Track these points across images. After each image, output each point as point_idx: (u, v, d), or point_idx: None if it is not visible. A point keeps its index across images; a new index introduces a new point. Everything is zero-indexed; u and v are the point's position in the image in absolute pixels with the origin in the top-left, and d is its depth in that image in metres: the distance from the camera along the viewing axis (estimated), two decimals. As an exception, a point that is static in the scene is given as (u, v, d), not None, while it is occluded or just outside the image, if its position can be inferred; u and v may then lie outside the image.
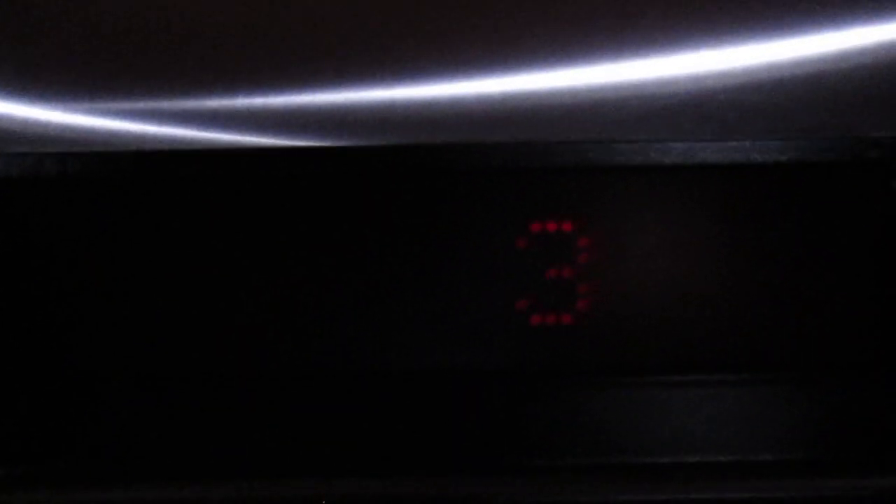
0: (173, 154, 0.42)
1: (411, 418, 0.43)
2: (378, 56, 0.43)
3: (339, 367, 0.44)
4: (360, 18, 0.43)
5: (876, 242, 0.42)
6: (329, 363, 0.44)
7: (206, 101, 0.43)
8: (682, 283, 0.43)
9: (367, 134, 0.41)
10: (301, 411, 0.43)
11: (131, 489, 0.42)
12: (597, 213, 0.43)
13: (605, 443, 0.42)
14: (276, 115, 0.42)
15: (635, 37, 0.44)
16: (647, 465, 0.41)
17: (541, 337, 0.43)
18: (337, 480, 0.41)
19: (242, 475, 0.42)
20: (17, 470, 0.42)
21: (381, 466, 0.42)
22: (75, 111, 0.44)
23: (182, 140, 0.42)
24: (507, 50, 0.43)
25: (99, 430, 0.43)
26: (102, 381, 0.44)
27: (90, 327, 0.43)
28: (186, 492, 0.41)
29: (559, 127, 0.42)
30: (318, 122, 0.42)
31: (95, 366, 0.44)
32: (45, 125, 0.43)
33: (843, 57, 0.43)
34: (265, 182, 0.43)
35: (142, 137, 0.42)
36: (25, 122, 0.44)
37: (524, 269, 0.43)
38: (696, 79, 0.43)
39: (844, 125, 0.43)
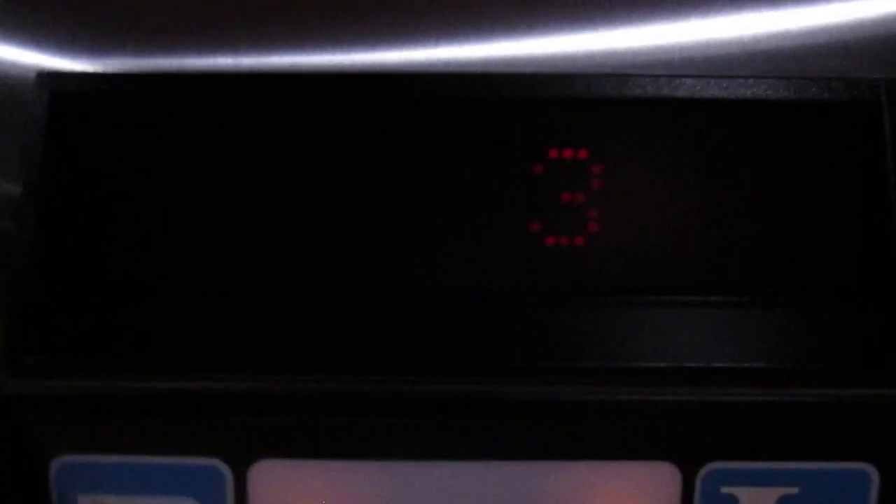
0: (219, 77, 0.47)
1: (431, 331, 0.46)
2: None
3: (363, 283, 0.47)
4: None
5: (865, 178, 0.46)
6: (355, 279, 0.47)
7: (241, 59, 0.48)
8: (685, 211, 0.46)
9: None
10: (326, 322, 0.47)
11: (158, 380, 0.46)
12: (610, 143, 0.46)
13: (612, 350, 0.45)
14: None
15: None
16: (650, 368, 0.45)
17: (554, 257, 0.46)
18: (356, 378, 0.46)
19: (271, 371, 0.46)
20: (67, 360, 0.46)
21: (396, 369, 0.45)
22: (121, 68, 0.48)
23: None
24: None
25: (140, 331, 0.47)
26: (147, 287, 0.47)
27: (138, 237, 0.47)
28: (214, 384, 0.46)
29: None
30: None
31: (142, 273, 0.47)
32: None
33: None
34: (296, 107, 0.47)
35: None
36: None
37: (539, 194, 0.46)
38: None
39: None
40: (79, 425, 0.47)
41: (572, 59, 0.48)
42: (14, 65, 0.48)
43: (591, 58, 0.47)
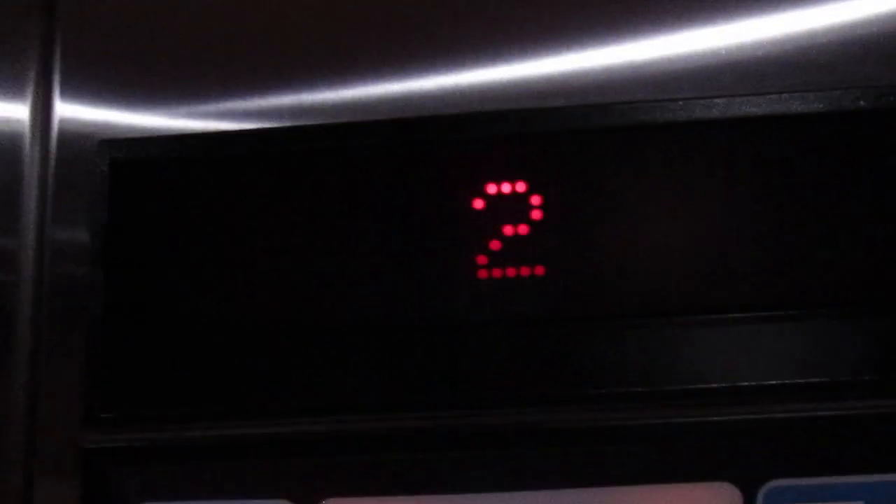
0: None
1: (471, 363, 0.47)
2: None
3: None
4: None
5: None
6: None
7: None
8: (678, 232, 0.47)
9: None
10: (382, 360, 0.48)
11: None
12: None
13: (665, 373, 0.45)
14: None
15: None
16: (703, 390, 0.45)
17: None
18: (414, 415, 0.47)
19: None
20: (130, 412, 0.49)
21: (449, 402, 0.47)
22: (174, 115, 0.52)
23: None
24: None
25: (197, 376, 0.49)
26: (208, 338, 0.50)
27: (200, 290, 0.50)
28: (280, 428, 0.48)
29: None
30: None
31: (203, 324, 0.50)
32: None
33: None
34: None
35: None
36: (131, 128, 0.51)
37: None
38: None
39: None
40: (155, 473, 0.49)
41: (600, 76, 0.48)
42: (78, 122, 0.52)
43: (617, 75, 0.48)
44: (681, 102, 0.46)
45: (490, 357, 0.47)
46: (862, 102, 0.45)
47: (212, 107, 0.52)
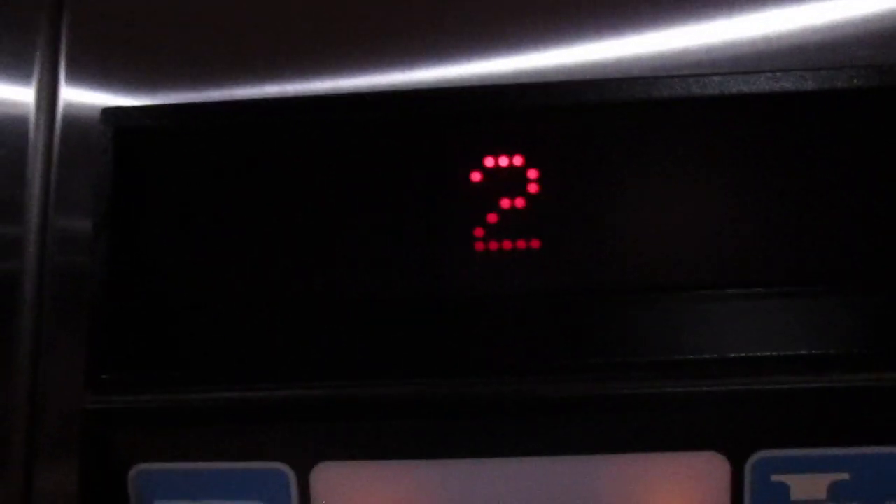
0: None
1: (475, 334, 0.48)
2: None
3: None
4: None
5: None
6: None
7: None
8: (674, 208, 0.47)
9: None
10: (377, 330, 0.49)
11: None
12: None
13: (658, 344, 0.46)
14: None
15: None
16: (694, 360, 0.46)
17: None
18: (409, 381, 0.48)
19: None
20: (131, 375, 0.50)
21: (447, 371, 0.48)
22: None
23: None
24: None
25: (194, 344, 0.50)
26: (212, 304, 0.50)
27: (202, 257, 0.50)
28: (277, 392, 0.49)
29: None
30: None
31: (207, 291, 0.50)
32: None
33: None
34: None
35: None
36: None
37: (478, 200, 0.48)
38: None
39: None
40: (154, 436, 0.50)
41: (602, 66, 0.49)
42: (83, 106, 0.53)
43: (620, 60, 0.49)
44: (677, 79, 0.47)
45: (485, 328, 0.48)
46: (856, 81, 0.46)
47: (214, 93, 0.52)
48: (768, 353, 0.46)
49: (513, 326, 0.48)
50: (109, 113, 0.51)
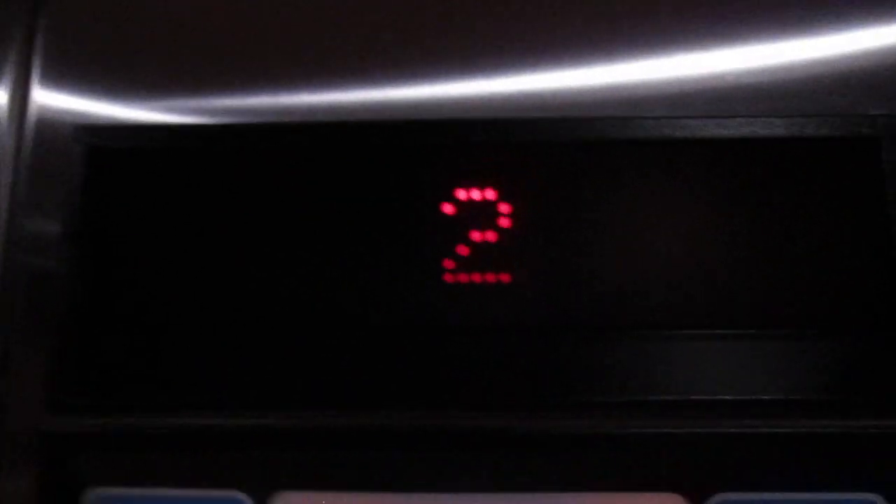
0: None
1: (436, 366, 0.48)
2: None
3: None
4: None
5: (865, 212, 0.47)
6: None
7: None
8: (624, 248, 0.48)
9: None
10: (337, 358, 0.49)
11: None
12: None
13: (618, 384, 0.46)
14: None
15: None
16: (655, 402, 0.46)
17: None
18: (370, 413, 0.48)
19: None
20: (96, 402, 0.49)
21: (408, 403, 0.47)
22: (153, 109, 0.52)
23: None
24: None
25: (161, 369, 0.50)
26: (174, 329, 0.50)
27: (168, 281, 0.50)
28: (235, 420, 0.48)
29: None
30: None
31: (170, 315, 0.50)
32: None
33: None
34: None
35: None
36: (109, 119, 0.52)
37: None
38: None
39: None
40: (111, 460, 0.49)
41: (576, 93, 0.50)
42: (56, 111, 0.52)
43: (593, 93, 0.49)
44: (650, 121, 0.48)
45: (452, 361, 0.48)
46: (825, 130, 0.46)
47: (191, 102, 0.52)
48: (731, 397, 0.46)
49: (479, 360, 0.48)
50: (81, 130, 0.51)
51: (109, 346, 0.49)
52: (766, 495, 0.46)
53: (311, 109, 0.51)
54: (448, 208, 0.49)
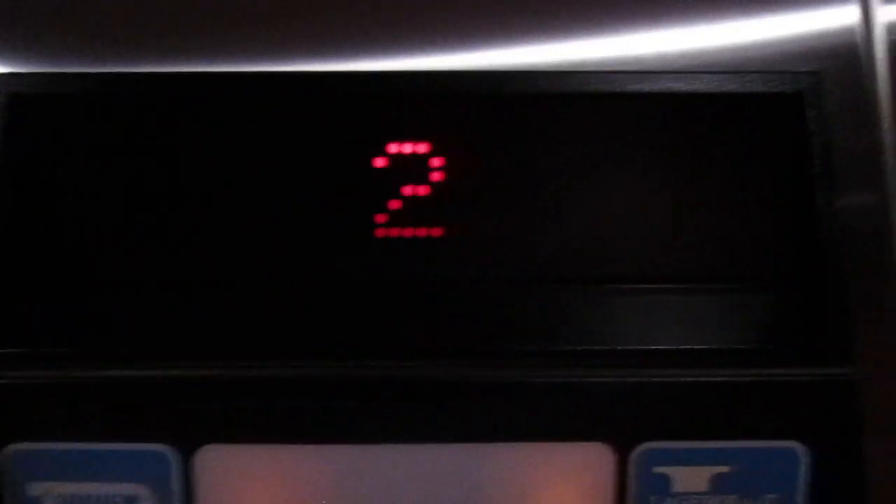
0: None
1: (363, 317, 0.48)
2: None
3: (221, 272, 0.48)
4: None
5: (789, 167, 0.48)
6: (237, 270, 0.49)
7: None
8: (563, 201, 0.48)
9: None
10: (264, 310, 0.48)
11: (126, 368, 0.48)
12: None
13: (547, 334, 0.47)
14: None
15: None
16: (583, 351, 0.47)
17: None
18: (295, 363, 0.47)
19: None
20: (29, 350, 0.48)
21: (335, 353, 0.47)
22: None
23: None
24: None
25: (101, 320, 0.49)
26: (98, 280, 0.49)
27: (95, 231, 0.49)
28: (160, 371, 0.47)
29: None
30: None
31: (96, 267, 0.49)
32: None
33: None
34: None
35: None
36: None
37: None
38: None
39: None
40: (31, 414, 0.48)
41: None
42: None
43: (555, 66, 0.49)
44: (580, 74, 0.48)
45: (380, 313, 0.48)
46: (749, 86, 0.47)
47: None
48: (657, 347, 0.47)
49: (408, 312, 0.48)
50: (2, 79, 0.49)
51: (30, 298, 0.48)
52: (691, 444, 0.47)
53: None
54: (380, 162, 0.48)
